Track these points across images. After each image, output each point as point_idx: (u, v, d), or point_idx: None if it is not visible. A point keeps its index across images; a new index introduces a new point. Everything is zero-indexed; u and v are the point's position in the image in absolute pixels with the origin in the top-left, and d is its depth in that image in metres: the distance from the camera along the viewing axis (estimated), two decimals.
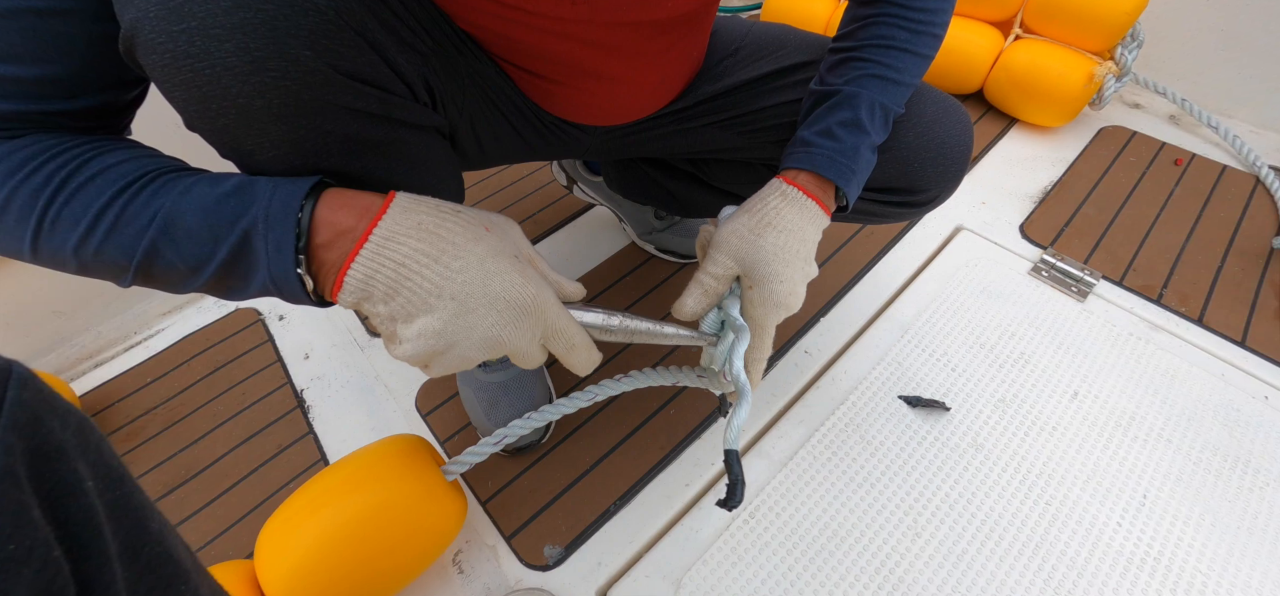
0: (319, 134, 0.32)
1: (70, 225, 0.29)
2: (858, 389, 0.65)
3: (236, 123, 0.30)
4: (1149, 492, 0.56)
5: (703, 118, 0.54)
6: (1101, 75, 0.88)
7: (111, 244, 0.30)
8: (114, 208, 0.29)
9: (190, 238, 0.30)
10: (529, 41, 0.42)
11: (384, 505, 0.46)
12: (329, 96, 0.31)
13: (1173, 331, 0.69)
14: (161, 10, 0.27)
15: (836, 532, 0.55)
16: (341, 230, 0.31)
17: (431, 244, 0.31)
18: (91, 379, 0.76)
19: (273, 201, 0.30)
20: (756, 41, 0.53)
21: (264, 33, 0.28)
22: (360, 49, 0.32)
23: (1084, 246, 0.78)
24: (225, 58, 0.28)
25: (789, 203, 0.41)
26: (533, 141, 0.53)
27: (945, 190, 0.51)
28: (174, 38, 0.27)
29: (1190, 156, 0.90)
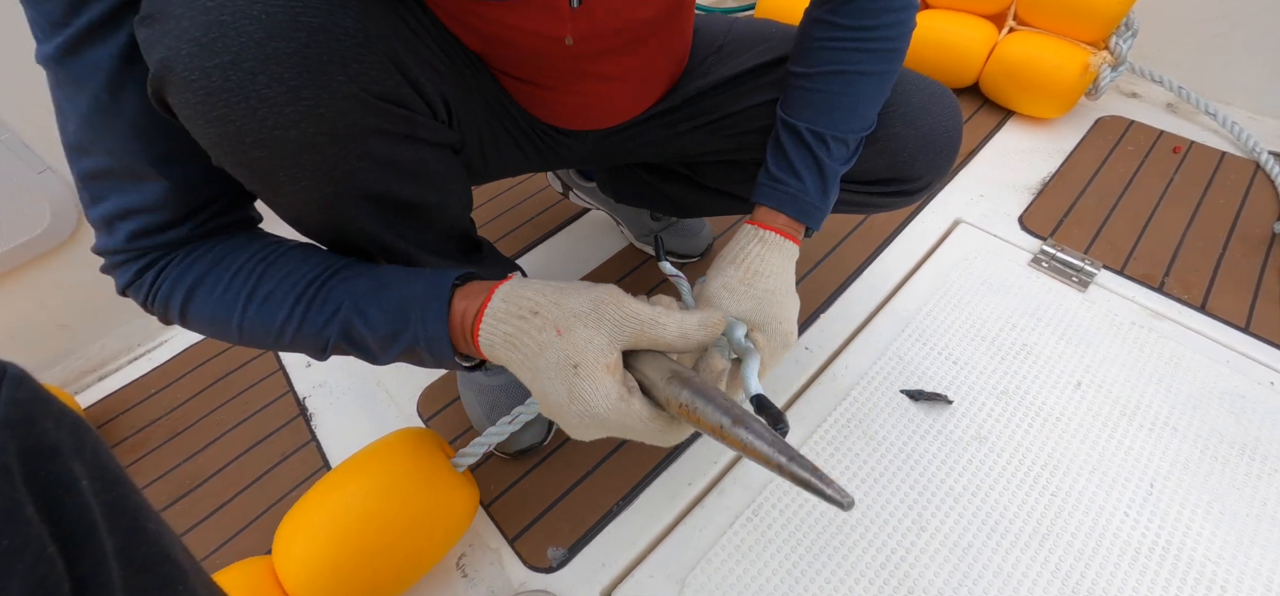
0: (348, 159, 0.33)
1: (262, 331, 0.36)
2: (859, 384, 0.65)
3: (269, 154, 0.30)
4: (1156, 481, 0.56)
5: (691, 120, 0.54)
6: (1097, 65, 0.88)
7: (300, 343, 0.36)
8: (294, 319, 0.35)
9: (366, 348, 0.36)
10: (526, 52, 0.43)
11: (399, 494, 0.47)
12: (360, 120, 0.32)
13: (1175, 319, 0.68)
14: (194, 46, 0.27)
15: (841, 528, 0.54)
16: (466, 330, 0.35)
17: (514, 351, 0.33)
18: (96, 391, 0.77)
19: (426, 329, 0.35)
20: (739, 37, 0.54)
21: (298, 62, 0.28)
22: (388, 70, 0.33)
23: (1084, 236, 0.78)
24: (260, 90, 0.28)
25: (769, 248, 0.42)
26: (529, 153, 0.54)
27: (937, 177, 0.51)
28: (208, 73, 0.27)
29: (1188, 144, 0.90)
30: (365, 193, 0.36)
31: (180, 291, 0.35)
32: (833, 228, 0.82)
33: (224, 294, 0.35)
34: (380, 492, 0.47)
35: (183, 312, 0.36)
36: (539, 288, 0.33)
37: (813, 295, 0.74)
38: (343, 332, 0.35)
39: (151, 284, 0.35)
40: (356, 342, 0.36)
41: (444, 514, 0.49)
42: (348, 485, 0.48)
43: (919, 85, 0.49)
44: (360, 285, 0.36)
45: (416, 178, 0.39)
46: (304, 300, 0.35)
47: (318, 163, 0.32)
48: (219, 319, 0.36)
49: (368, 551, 0.45)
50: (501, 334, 0.33)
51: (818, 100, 0.43)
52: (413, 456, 0.49)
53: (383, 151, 0.35)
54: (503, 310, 0.33)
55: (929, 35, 0.97)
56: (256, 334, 0.36)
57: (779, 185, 0.43)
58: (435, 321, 0.34)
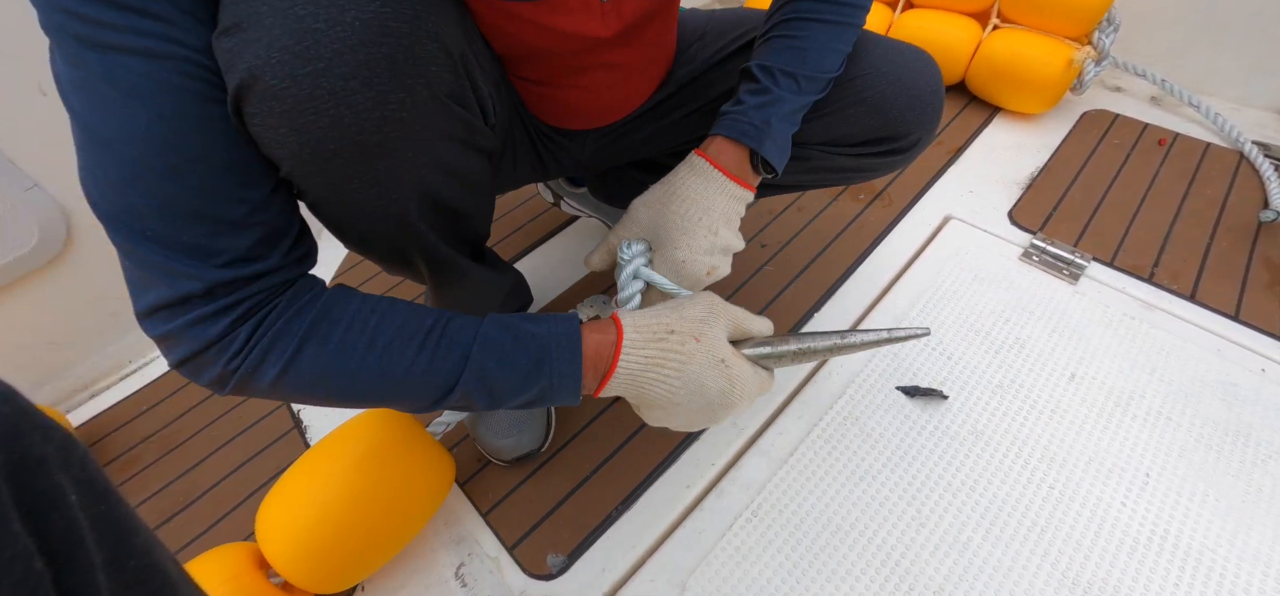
0: (418, 163, 0.34)
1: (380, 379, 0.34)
2: (854, 382, 0.65)
3: (347, 163, 0.30)
4: (1152, 471, 0.56)
5: (682, 107, 0.55)
6: (1080, 60, 0.89)
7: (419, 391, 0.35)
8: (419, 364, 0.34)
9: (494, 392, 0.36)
10: (544, 49, 0.43)
11: (376, 463, 0.48)
12: (432, 124, 0.33)
13: (1166, 309, 0.69)
14: (286, 53, 0.27)
15: (840, 526, 0.54)
16: (602, 358, 0.37)
17: (659, 369, 0.37)
18: (88, 409, 0.76)
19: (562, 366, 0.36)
20: (718, 24, 0.56)
21: (388, 68, 0.29)
22: (459, 75, 0.34)
23: (1073, 229, 0.79)
24: (351, 95, 0.28)
25: (695, 173, 0.43)
26: (546, 158, 0.55)
27: (925, 132, 0.52)
28: (298, 81, 0.27)
29: (1173, 136, 0.91)
30: (424, 198, 0.37)
31: (288, 343, 0.31)
32: (822, 227, 0.83)
33: (340, 343, 0.32)
34: (357, 462, 0.48)
35: (284, 370, 0.32)
36: (657, 311, 0.38)
37: (805, 294, 0.74)
38: (477, 375, 0.34)
39: (248, 338, 0.31)
40: (487, 385, 0.35)
41: (422, 481, 0.50)
42: (326, 459, 0.49)
43: (900, 48, 0.51)
44: (485, 329, 0.36)
45: (466, 184, 0.40)
46: (428, 345, 0.34)
47: (391, 168, 0.32)
48: (330, 372, 0.32)
49: (349, 520, 0.47)
50: (642, 359, 0.37)
51: (768, 46, 0.45)
52: (387, 428, 0.50)
53: (445, 156, 0.36)
54: (639, 337, 0.37)
55: (914, 34, 0.98)
56: (372, 384, 0.33)
57: (721, 117, 0.45)
58: (571, 358, 0.36)
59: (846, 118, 0.50)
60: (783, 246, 0.81)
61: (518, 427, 0.60)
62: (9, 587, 0.15)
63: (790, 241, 0.82)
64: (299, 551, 0.46)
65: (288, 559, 0.46)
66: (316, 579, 0.47)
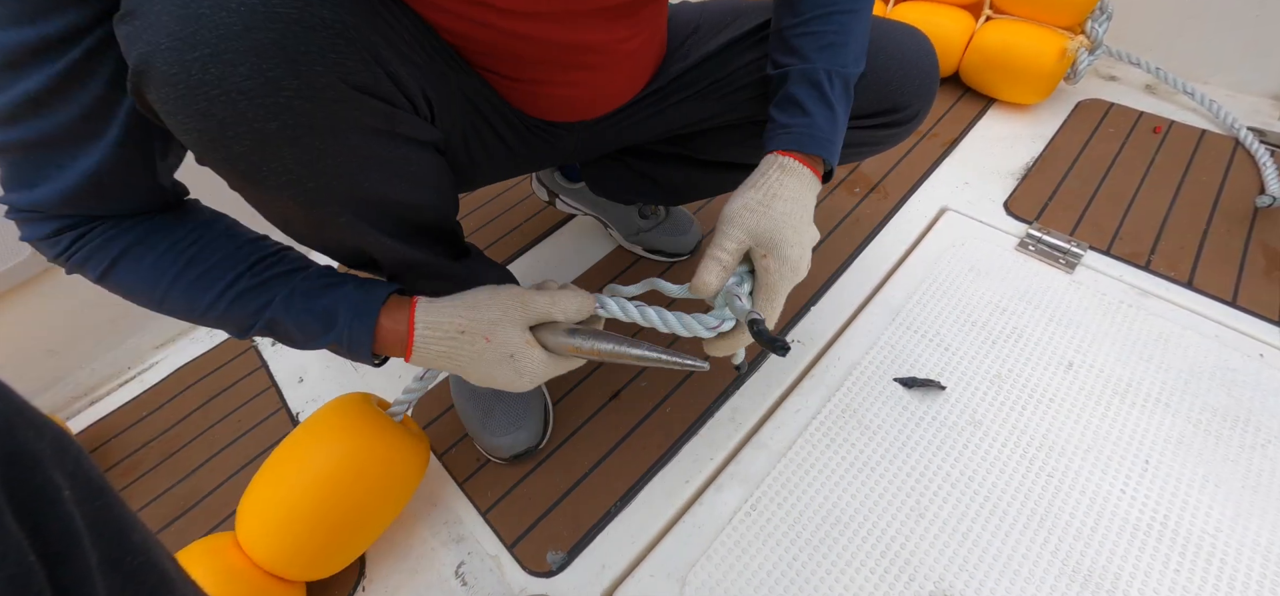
0: (329, 153, 0.33)
1: (186, 307, 0.39)
2: (852, 374, 0.65)
3: (251, 149, 0.30)
4: (1151, 458, 0.56)
5: (678, 94, 0.55)
6: (1074, 49, 0.89)
7: (221, 325, 0.40)
8: (222, 302, 0.39)
9: (286, 334, 0.41)
10: (506, 45, 0.43)
11: (345, 450, 0.49)
12: (341, 113, 0.32)
13: (1163, 296, 0.69)
14: (173, 41, 0.27)
15: (840, 518, 0.54)
16: (398, 337, 0.42)
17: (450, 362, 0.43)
18: (88, 416, 0.76)
19: (352, 336, 0.41)
20: (713, 17, 0.56)
21: (277, 53, 0.28)
22: (367, 63, 0.33)
23: (1069, 218, 0.79)
24: (240, 82, 0.28)
25: (788, 173, 0.43)
26: (518, 150, 0.54)
27: (923, 104, 0.54)
28: (187, 67, 0.27)
29: (1168, 124, 0.91)
30: (350, 191, 0.36)
31: (102, 259, 0.37)
32: (819, 220, 0.83)
33: (152, 268, 0.38)
34: (326, 450, 0.49)
35: (102, 277, 0.38)
36: (454, 307, 0.41)
37: (802, 288, 0.74)
38: (268, 326, 0.40)
39: (68, 246, 0.36)
40: (283, 335, 0.41)
41: (395, 465, 0.51)
42: (299, 453, 0.50)
43: (894, 25, 0.53)
44: (293, 286, 0.40)
45: (399, 175, 0.39)
46: (235, 288, 0.39)
47: (300, 157, 0.32)
48: (141, 290, 0.38)
49: (324, 510, 0.47)
50: (435, 352, 0.41)
51: (811, 42, 0.45)
52: (353, 415, 0.51)
53: (364, 147, 0.35)
54: (430, 335, 0.41)
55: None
56: (179, 309, 0.39)
57: (788, 128, 0.44)
58: (360, 334, 0.40)
59: None
60: None
61: (515, 425, 0.60)
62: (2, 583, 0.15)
63: None
64: (274, 542, 0.47)
65: (263, 549, 0.47)
66: (295, 567, 0.49)
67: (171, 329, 0.83)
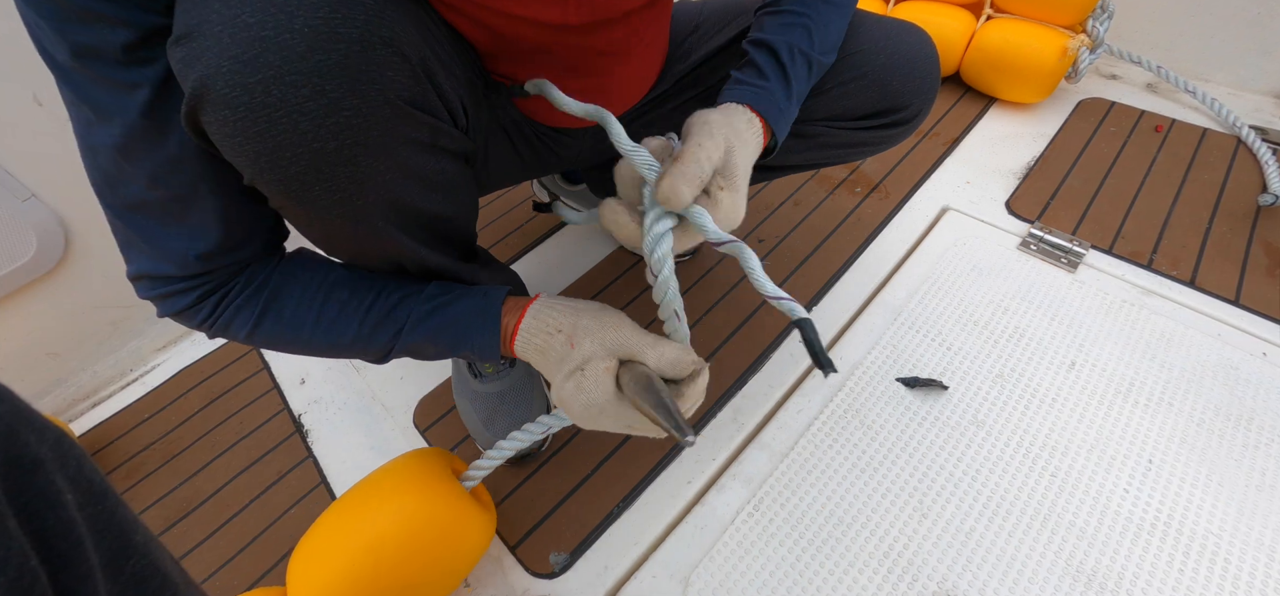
0: (381, 170, 0.34)
1: (328, 347, 0.42)
2: (854, 374, 0.65)
3: (306, 169, 0.31)
4: (1154, 457, 0.56)
5: (681, 95, 0.56)
6: (1075, 48, 0.89)
7: (362, 355, 0.43)
8: (361, 338, 0.42)
9: (425, 356, 0.44)
10: (524, 50, 0.43)
11: (414, 521, 0.45)
12: (394, 130, 0.33)
13: (1166, 295, 0.68)
14: (235, 63, 0.27)
15: (842, 519, 0.54)
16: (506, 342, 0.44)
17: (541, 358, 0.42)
18: (90, 418, 0.76)
19: (481, 341, 0.43)
20: (713, 16, 0.56)
21: (339, 74, 0.29)
22: (418, 78, 0.34)
23: (1071, 218, 0.78)
24: (302, 103, 0.28)
25: (751, 128, 0.42)
26: (527, 157, 0.54)
27: (922, 104, 0.53)
28: (249, 90, 0.27)
29: (1170, 122, 0.91)
30: (393, 205, 0.36)
31: (248, 316, 0.39)
32: (819, 222, 0.83)
33: (294, 315, 0.40)
34: (399, 524, 0.45)
35: (252, 333, 0.40)
36: (561, 309, 0.42)
37: (803, 289, 0.74)
38: (407, 349, 0.43)
39: (213, 310, 0.38)
40: (419, 355, 0.44)
41: (462, 539, 0.48)
42: (362, 513, 0.46)
43: (894, 24, 0.52)
44: (419, 308, 0.42)
45: (438, 188, 0.40)
46: (369, 322, 0.41)
47: (353, 174, 0.32)
48: (287, 337, 0.41)
49: (386, 583, 0.44)
50: (534, 346, 0.42)
51: (780, 21, 0.45)
52: (427, 478, 0.47)
53: (411, 161, 0.35)
54: (534, 326, 0.42)
55: None
56: (322, 346, 0.42)
57: (741, 85, 0.43)
58: (489, 337, 0.43)
59: (847, 92, 0.51)
60: (780, 241, 0.81)
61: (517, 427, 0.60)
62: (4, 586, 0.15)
63: (787, 236, 0.82)
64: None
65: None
66: None
67: (172, 331, 0.83)
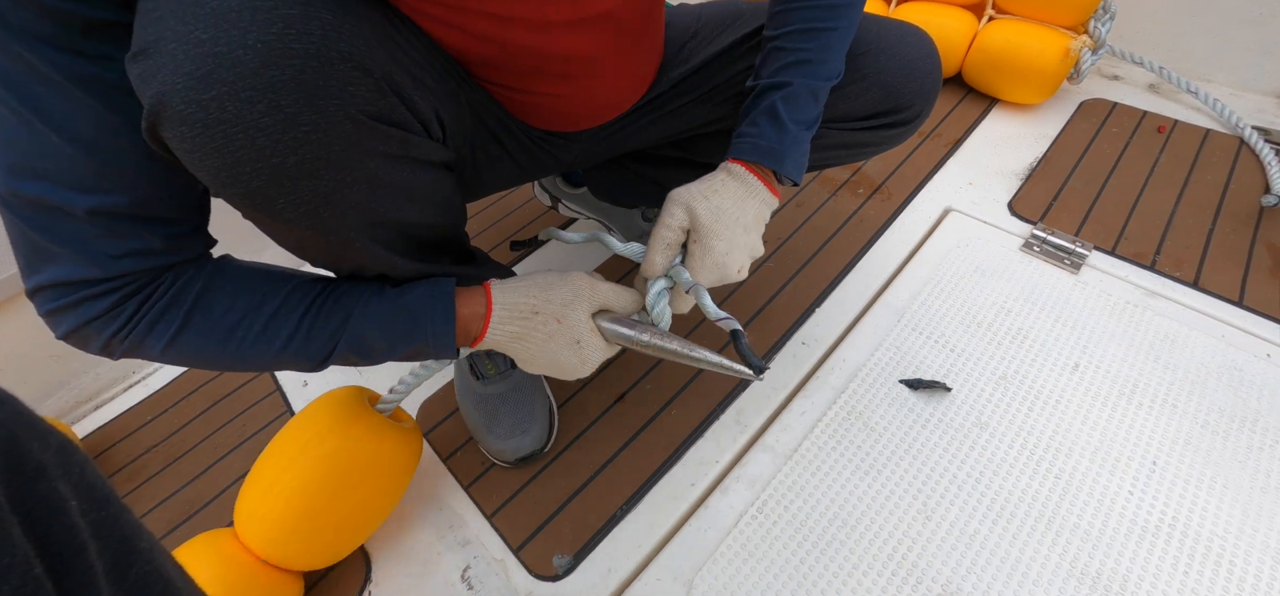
0: (346, 183, 0.33)
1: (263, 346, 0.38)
2: (857, 376, 0.64)
3: (268, 184, 0.30)
4: (1158, 459, 0.55)
5: (679, 99, 0.55)
6: (1077, 49, 0.89)
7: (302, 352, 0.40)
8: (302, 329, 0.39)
9: (373, 353, 0.42)
10: (502, 54, 0.43)
11: (335, 444, 0.49)
12: (358, 143, 0.32)
13: (1169, 296, 0.68)
14: (190, 80, 0.27)
15: (846, 521, 0.54)
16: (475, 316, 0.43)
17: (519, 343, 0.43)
18: (93, 421, 0.76)
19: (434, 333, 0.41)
20: (712, 21, 0.56)
21: (294, 90, 0.28)
22: (383, 92, 0.33)
23: (1074, 219, 0.78)
24: (257, 119, 0.28)
25: (733, 177, 0.45)
26: (523, 161, 0.54)
27: (924, 104, 0.54)
28: (204, 106, 0.27)
29: (1172, 123, 0.91)
30: (365, 216, 0.36)
31: (170, 323, 0.35)
32: (821, 222, 0.83)
33: (223, 318, 0.37)
34: (317, 443, 0.49)
35: (167, 347, 0.36)
36: (527, 289, 0.42)
37: (805, 291, 0.74)
38: (355, 339, 0.40)
39: (130, 317, 0.35)
40: (365, 349, 0.41)
41: (384, 455, 0.52)
42: (288, 447, 0.50)
43: (895, 25, 0.52)
44: (365, 295, 0.41)
45: (414, 198, 0.39)
46: (313, 311, 0.39)
47: (317, 188, 0.32)
48: (215, 346, 0.37)
49: (316, 500, 0.49)
50: (508, 333, 0.42)
51: (780, 59, 0.46)
52: (343, 407, 0.52)
53: (381, 174, 0.35)
54: (506, 315, 0.42)
55: None
56: (255, 355, 0.38)
57: (739, 139, 0.47)
58: (443, 323, 0.41)
59: (848, 95, 0.51)
60: (782, 242, 0.81)
61: (520, 429, 0.60)
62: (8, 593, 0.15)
63: (790, 238, 0.82)
64: (270, 533, 0.48)
65: (260, 540, 0.48)
66: (292, 557, 0.50)
67: None
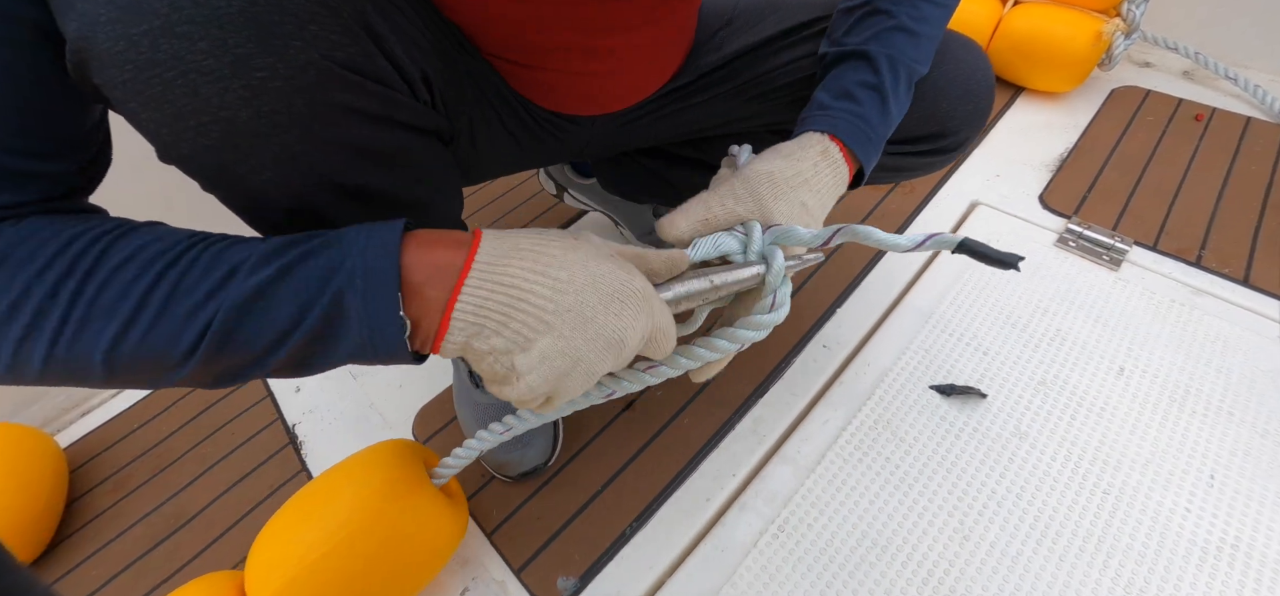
0: (315, 144, 0.28)
1: (103, 321, 0.24)
2: (884, 381, 0.60)
3: (220, 141, 0.25)
4: (1216, 472, 0.51)
5: (706, 91, 0.51)
6: (1110, 33, 0.84)
7: (153, 340, 0.24)
8: (157, 296, 0.24)
9: (267, 313, 0.25)
10: (515, 27, 0.39)
11: (377, 516, 0.43)
12: (326, 96, 0.27)
13: (1218, 294, 0.64)
14: (114, 10, 0.22)
15: (876, 541, 0.50)
16: (439, 266, 0.26)
17: (535, 260, 0.27)
18: (77, 429, 0.73)
19: (367, 252, 0.25)
20: (749, 8, 0.51)
21: (243, 24, 0.23)
22: (357, 36, 0.28)
23: (1110, 212, 0.74)
24: (199, 60, 0.23)
25: (829, 162, 0.37)
26: (527, 143, 0.49)
27: (973, 130, 0.48)
28: (134, 42, 0.22)
29: (1211, 111, 0.86)
30: (340, 185, 0.31)
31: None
32: (844, 216, 0.78)
33: (41, 274, 0.24)
34: (360, 509, 0.43)
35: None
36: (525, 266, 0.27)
37: (825, 290, 0.70)
38: (233, 313, 0.24)
39: None
40: (250, 332, 0.25)
41: (429, 532, 0.46)
42: (326, 502, 0.45)
43: (947, 36, 0.46)
44: (254, 250, 0.26)
45: (399, 167, 0.34)
46: (179, 265, 0.25)
47: (280, 150, 0.27)
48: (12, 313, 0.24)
49: (347, 574, 0.42)
50: (511, 245, 0.27)
51: (878, 21, 0.39)
52: (394, 469, 0.46)
53: (357, 135, 0.30)
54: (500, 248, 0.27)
55: None
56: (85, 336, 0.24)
57: (828, 110, 0.38)
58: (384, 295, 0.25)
59: None
60: None
61: (523, 441, 0.56)
62: None
63: None
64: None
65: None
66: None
67: None
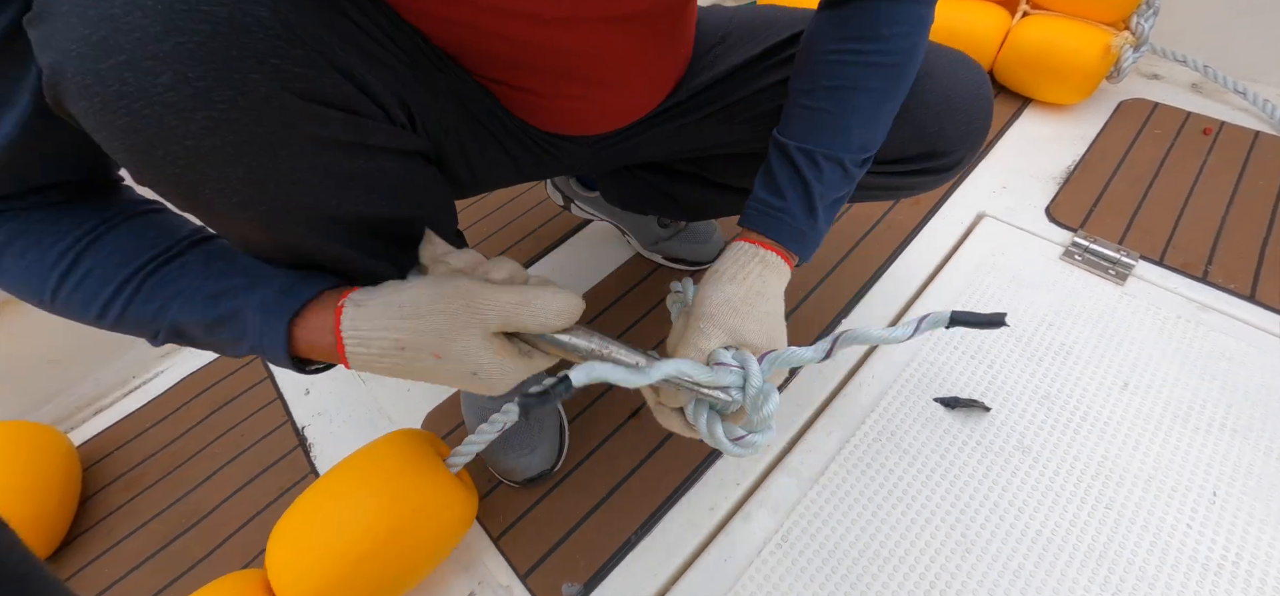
0: (283, 172, 0.29)
1: (81, 308, 0.33)
2: (888, 393, 0.61)
3: (189, 170, 0.27)
4: (1219, 488, 0.51)
5: (699, 111, 0.51)
6: (1118, 46, 0.84)
7: (127, 329, 0.34)
8: (118, 302, 0.33)
9: (196, 340, 0.35)
10: (505, 52, 0.39)
11: (393, 498, 0.45)
12: (291, 127, 0.28)
13: (1224, 310, 0.64)
14: (84, 47, 0.23)
15: (878, 552, 0.50)
16: (323, 350, 0.35)
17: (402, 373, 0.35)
18: (91, 427, 0.74)
19: (262, 339, 0.34)
20: (743, 25, 0.51)
21: (202, 58, 0.24)
22: (320, 68, 0.29)
23: (1117, 226, 0.74)
24: (161, 93, 0.24)
25: (771, 270, 0.39)
26: (523, 161, 0.50)
27: (969, 150, 0.48)
28: (102, 77, 0.24)
29: (1219, 125, 0.86)
30: (316, 211, 0.32)
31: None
32: (848, 228, 0.79)
33: (38, 262, 0.32)
34: (374, 496, 0.45)
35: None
36: (387, 316, 0.33)
37: (830, 300, 0.70)
38: (174, 331, 0.34)
39: None
40: (195, 343, 0.36)
41: (441, 517, 0.48)
42: (341, 490, 0.46)
43: (943, 54, 0.46)
44: (193, 282, 0.34)
45: (379, 191, 0.35)
46: (131, 284, 0.33)
47: (248, 177, 0.28)
48: (29, 285, 0.33)
49: (363, 558, 0.44)
50: (380, 367, 0.34)
51: (810, 117, 0.40)
52: (407, 457, 0.47)
53: (325, 162, 0.31)
54: (363, 353, 0.34)
55: (938, 23, 0.91)
56: (73, 310, 0.34)
57: (764, 208, 0.40)
58: (277, 354, 0.34)
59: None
60: None
61: (529, 447, 0.57)
62: None
63: None
64: (312, 588, 0.43)
65: (297, 591, 0.44)
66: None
67: None
